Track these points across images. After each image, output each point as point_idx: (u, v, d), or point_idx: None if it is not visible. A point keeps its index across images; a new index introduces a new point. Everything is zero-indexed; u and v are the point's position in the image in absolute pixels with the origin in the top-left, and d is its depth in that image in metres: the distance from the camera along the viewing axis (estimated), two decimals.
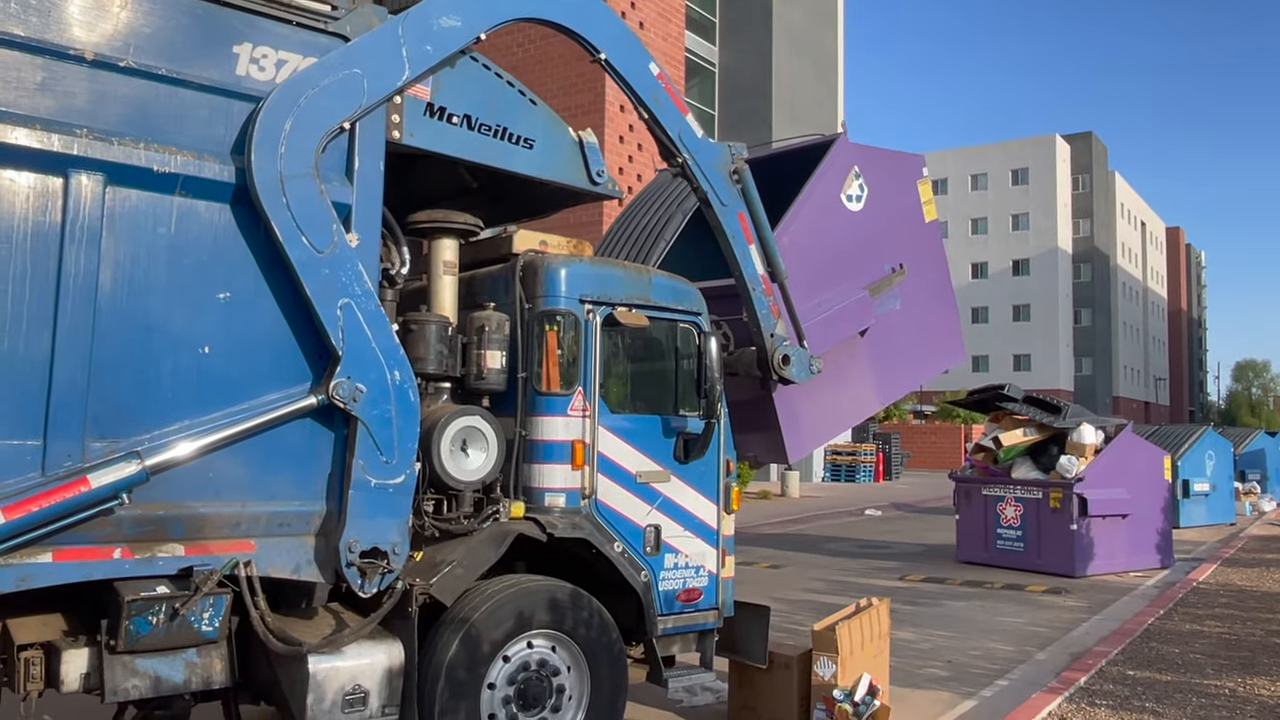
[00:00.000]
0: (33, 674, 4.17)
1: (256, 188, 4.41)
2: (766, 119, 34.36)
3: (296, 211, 4.49)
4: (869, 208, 7.49)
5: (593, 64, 5.86)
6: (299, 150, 4.52)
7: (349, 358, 4.63)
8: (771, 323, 6.28)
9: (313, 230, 4.53)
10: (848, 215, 7.37)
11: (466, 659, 4.90)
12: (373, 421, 4.71)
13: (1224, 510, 22.12)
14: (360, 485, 4.67)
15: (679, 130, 6.00)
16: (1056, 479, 13.86)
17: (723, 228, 6.14)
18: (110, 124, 4.20)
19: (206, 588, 4.26)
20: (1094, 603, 11.71)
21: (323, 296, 4.57)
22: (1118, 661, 8.38)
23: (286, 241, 4.47)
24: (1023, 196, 73.20)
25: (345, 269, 4.64)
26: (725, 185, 6.14)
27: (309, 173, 4.54)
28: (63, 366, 4.05)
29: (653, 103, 5.90)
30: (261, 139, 4.43)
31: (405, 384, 4.82)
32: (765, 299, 6.26)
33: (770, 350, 6.25)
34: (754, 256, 6.22)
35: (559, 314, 5.51)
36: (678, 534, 5.83)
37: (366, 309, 4.70)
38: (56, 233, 4.08)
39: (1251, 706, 7.07)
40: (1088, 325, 75.41)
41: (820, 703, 6.12)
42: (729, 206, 6.15)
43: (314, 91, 4.59)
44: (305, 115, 4.55)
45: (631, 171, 23.03)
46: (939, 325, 8.13)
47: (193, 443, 4.32)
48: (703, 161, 6.07)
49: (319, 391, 4.61)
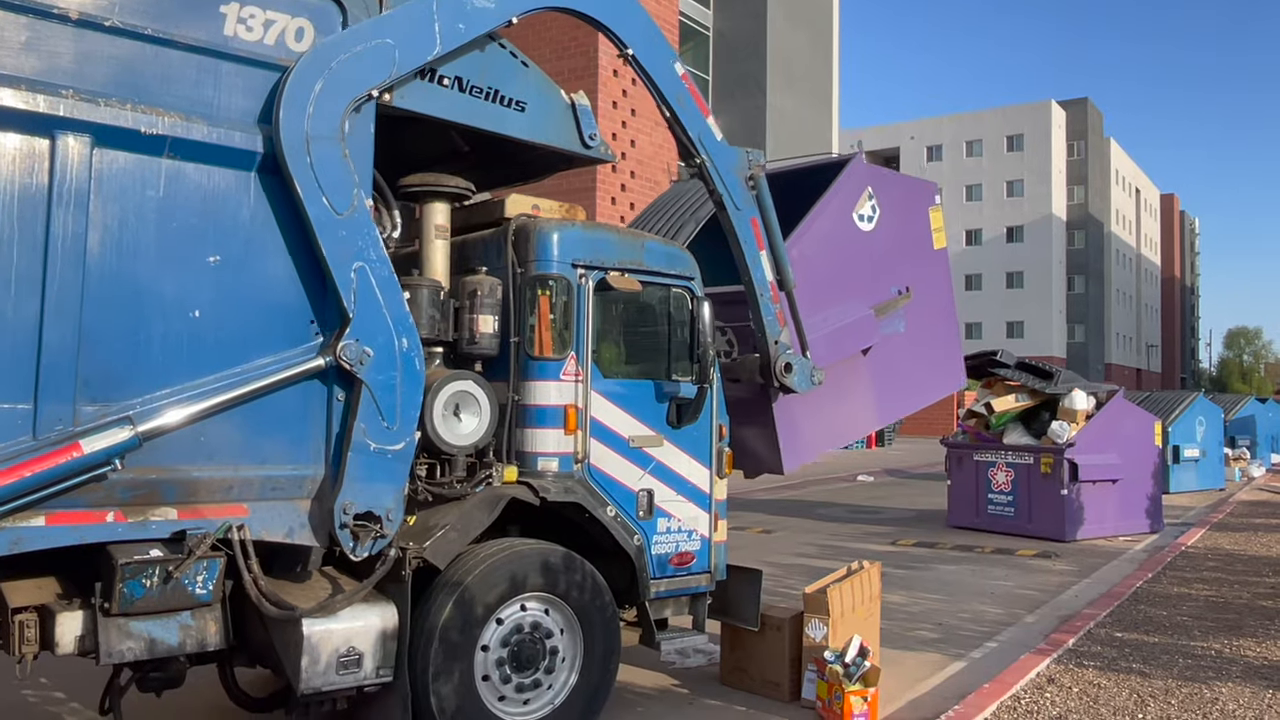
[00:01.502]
0: (27, 637, 4.18)
1: (282, 145, 4.46)
2: (761, 84, 34.13)
3: (319, 172, 4.55)
4: (880, 229, 7.58)
5: (588, 29, 5.80)
6: (327, 113, 4.60)
7: (358, 321, 4.65)
8: (777, 330, 6.32)
9: (334, 191, 4.59)
10: (858, 234, 7.45)
11: (460, 621, 4.93)
12: (377, 386, 4.72)
13: (1214, 476, 22.28)
14: (360, 448, 4.69)
15: (699, 132, 6.07)
16: (1048, 444, 13.94)
17: (735, 232, 6.20)
18: (97, 85, 4.16)
19: (200, 551, 4.28)
20: (1083, 566, 11.81)
21: (338, 258, 4.61)
22: (1106, 624, 8.47)
23: (307, 200, 4.52)
24: (1017, 163, 72.92)
25: (362, 233, 4.69)
26: (741, 190, 6.21)
27: (335, 135, 4.61)
28: (52, 329, 4.03)
29: (676, 103, 5.98)
30: (291, 98, 4.49)
31: (412, 352, 4.84)
32: (772, 306, 6.32)
33: (774, 357, 6.29)
34: (764, 263, 6.28)
35: (551, 278, 5.49)
36: (670, 498, 5.86)
37: (380, 274, 4.74)
38: (44, 195, 4.04)
39: (1237, 667, 7.16)
40: (1081, 292, 75.44)
41: (811, 664, 6.18)
42: (743, 211, 6.21)
43: (346, 57, 4.66)
44: (336, 79, 4.62)
45: (625, 136, 22.87)
46: (941, 351, 8.20)
47: (188, 407, 4.31)
48: (720, 164, 6.13)
49: (326, 353, 4.62)
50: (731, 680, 6.64)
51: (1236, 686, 6.67)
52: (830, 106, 38.99)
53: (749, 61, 34.04)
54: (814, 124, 37.60)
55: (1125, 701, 6.28)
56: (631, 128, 23.37)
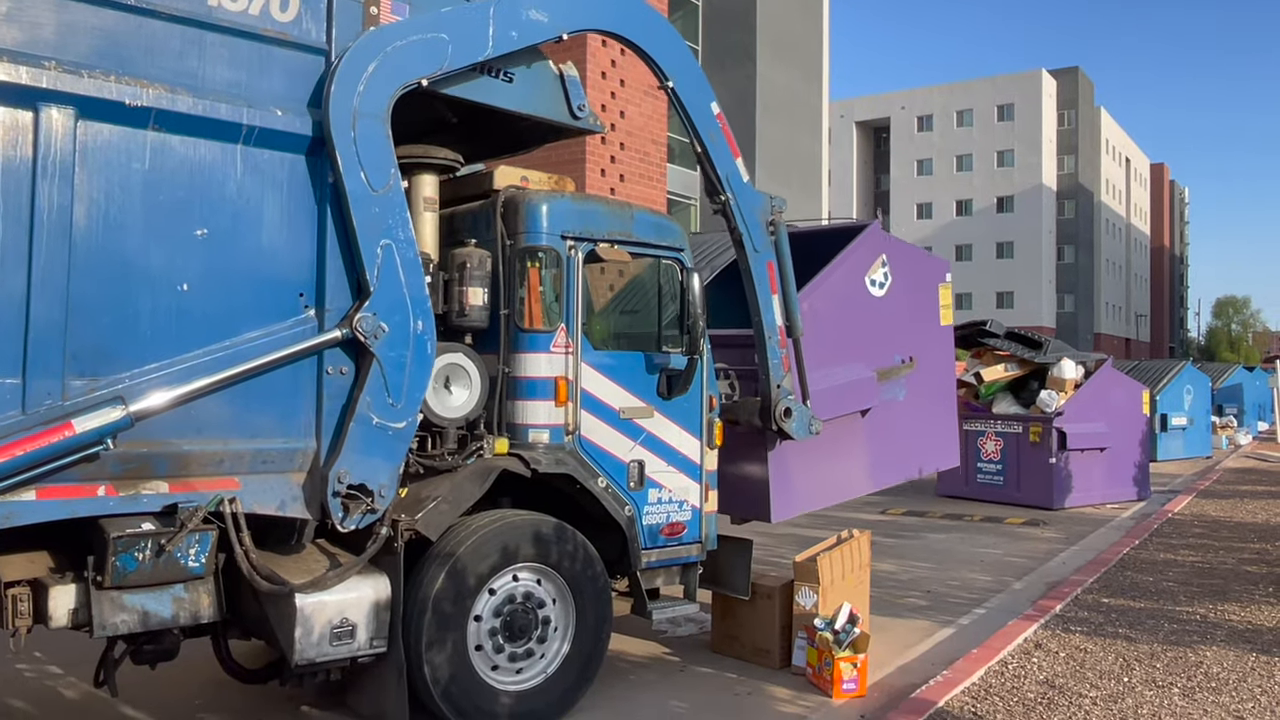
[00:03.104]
0: (20, 610, 4.19)
1: (330, 117, 4.59)
2: (751, 53, 33.95)
3: (361, 147, 4.68)
4: (890, 296, 7.71)
5: None
6: (376, 93, 4.74)
7: (378, 295, 4.73)
8: (780, 375, 6.38)
9: (373, 168, 4.71)
10: (869, 298, 7.60)
11: (452, 592, 4.96)
12: (388, 362, 4.76)
13: (1201, 444, 22.47)
14: (362, 420, 4.72)
15: (728, 171, 6.20)
16: (1036, 413, 14.03)
17: (750, 272, 6.31)
18: (80, 56, 4.12)
19: (192, 524, 4.28)
20: (1071, 534, 11.93)
21: (367, 232, 4.71)
22: (1093, 590, 8.57)
23: (346, 173, 4.63)
24: (1008, 133, 72.79)
25: (394, 211, 4.80)
26: (761, 232, 6.33)
27: (380, 115, 4.76)
28: (39, 303, 4.01)
29: (709, 140, 6.12)
30: (344, 74, 4.64)
31: (426, 335, 4.90)
32: (779, 350, 6.40)
33: (774, 400, 6.35)
34: (775, 306, 6.38)
35: (541, 250, 5.48)
36: (661, 469, 5.88)
37: (405, 255, 4.83)
38: (28, 168, 4.01)
39: (1222, 631, 7.26)
40: (1070, 262, 75.57)
41: (802, 631, 6.25)
42: (760, 253, 6.32)
43: (402, 44, 4.83)
44: (390, 62, 4.78)
45: (614, 108, 22.74)
46: (938, 426, 8.27)
47: (185, 385, 4.30)
48: (744, 205, 6.24)
49: (343, 325, 4.67)
50: (722, 648, 6.71)
51: (1221, 650, 6.76)
52: (820, 76, 38.81)
53: (739, 31, 33.84)
54: (804, 94, 37.45)
55: (1111, 665, 6.37)
56: (621, 99, 23.21)
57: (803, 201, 36.08)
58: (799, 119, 36.72)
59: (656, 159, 25.72)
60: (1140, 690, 5.90)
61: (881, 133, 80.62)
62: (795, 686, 6.05)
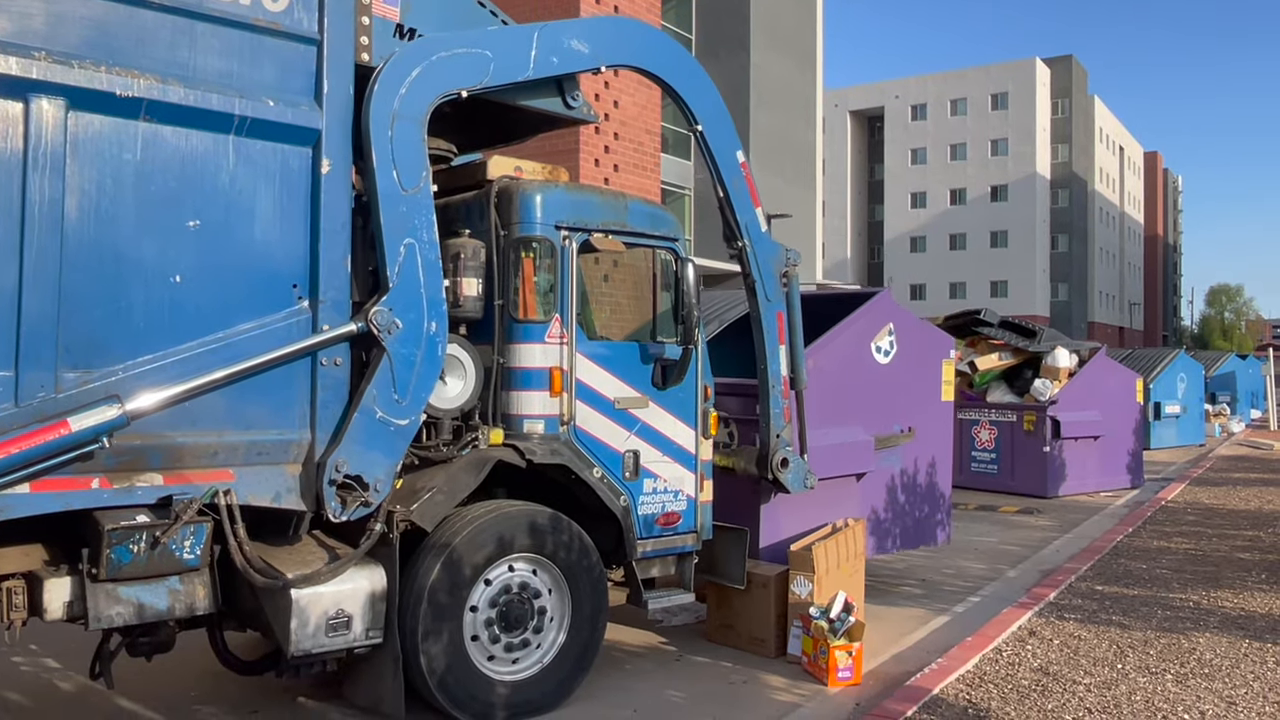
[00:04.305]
0: (15, 603, 4.19)
1: (369, 115, 4.75)
2: (744, 43, 33.85)
3: (396, 147, 4.83)
4: (894, 365, 7.82)
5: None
6: (417, 97, 4.92)
7: (396, 292, 4.79)
8: (781, 425, 6.45)
9: (405, 169, 4.86)
10: (873, 364, 7.70)
11: (448, 583, 4.97)
12: (398, 359, 4.80)
13: (1194, 432, 22.54)
14: (366, 412, 4.74)
15: (747, 220, 6.35)
16: (1031, 402, 14.05)
17: (760, 320, 6.42)
18: (70, 47, 4.09)
19: (186, 516, 4.28)
20: (1065, 522, 11.97)
21: (393, 230, 4.81)
22: (1087, 577, 8.60)
23: (379, 171, 4.78)
24: (1002, 122, 72.73)
25: (421, 213, 4.91)
26: (774, 282, 6.46)
27: (418, 119, 4.93)
28: (32, 296, 3.99)
29: (732, 187, 6.28)
30: (388, 76, 4.82)
31: (438, 337, 4.95)
32: (781, 401, 6.48)
33: (773, 449, 6.41)
34: (781, 357, 6.48)
35: (535, 240, 5.47)
36: (656, 459, 5.89)
37: (427, 256, 4.92)
38: (19, 159, 3.98)
39: (1214, 618, 7.29)
40: (1064, 251, 75.61)
41: (797, 620, 6.26)
42: (772, 302, 6.45)
43: (446, 55, 5.03)
44: (433, 70, 4.98)
45: (608, 98, 22.69)
46: (930, 504, 8.31)
47: (184, 383, 4.29)
48: (760, 254, 6.40)
49: (358, 319, 4.71)
50: (718, 637, 6.72)
51: (1214, 637, 6.79)
52: (814, 66, 38.72)
53: (732, 20, 33.73)
54: (798, 83, 37.38)
55: (1105, 653, 6.40)
56: (615, 89, 23.16)
57: (797, 191, 36.05)
58: (793, 108, 36.66)
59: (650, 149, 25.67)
60: (1134, 677, 5.93)
61: (875, 122, 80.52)
62: (791, 675, 6.07)
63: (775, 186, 31.83)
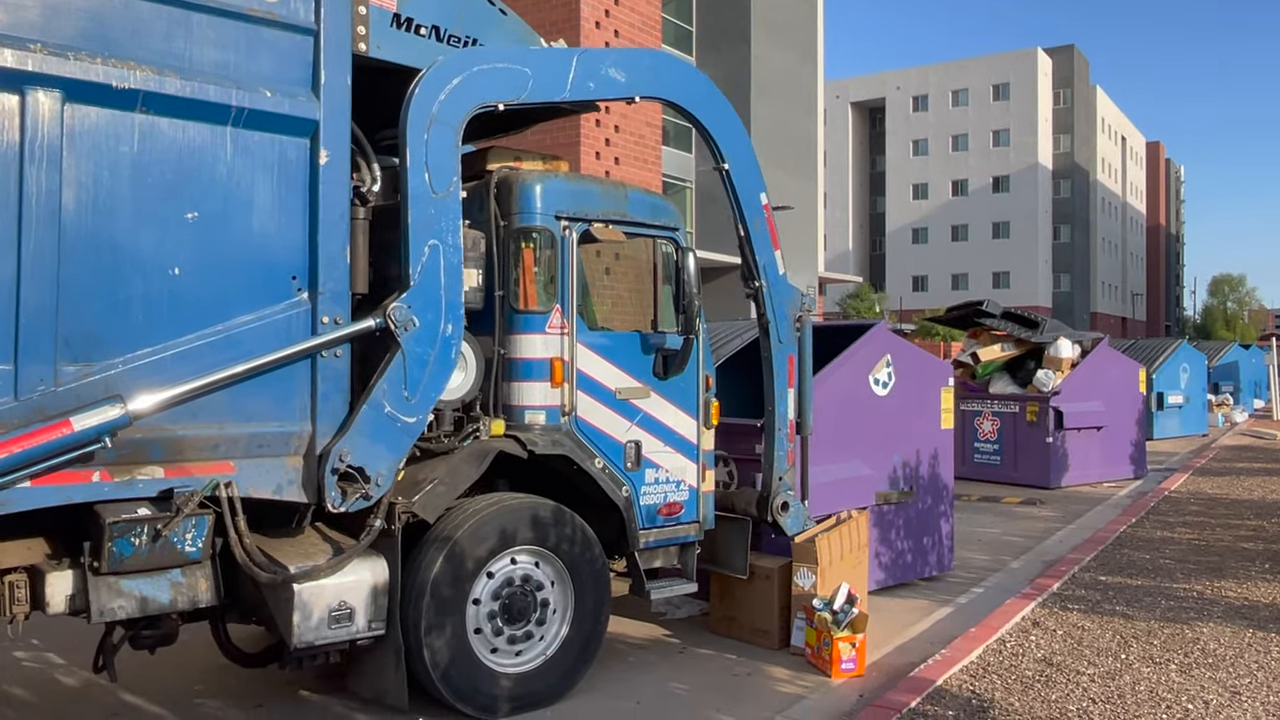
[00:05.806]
0: (18, 597, 4.19)
1: (408, 117, 4.83)
2: (745, 34, 33.76)
3: (431, 151, 4.90)
4: (893, 396, 7.79)
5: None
6: (456, 105, 5.00)
7: (416, 290, 4.83)
8: (784, 468, 6.42)
9: (437, 172, 4.91)
10: (872, 396, 7.68)
11: (451, 576, 4.96)
12: (412, 357, 4.82)
13: (1197, 422, 22.49)
14: (375, 405, 4.75)
15: (766, 261, 6.35)
16: (1033, 393, 14.03)
17: (771, 362, 6.40)
18: (66, 39, 4.07)
19: (188, 509, 4.27)
20: (1068, 513, 11.95)
21: (419, 230, 4.86)
22: (1090, 568, 8.59)
23: (411, 171, 4.84)
24: (1003, 112, 72.64)
25: (448, 216, 4.96)
26: (788, 325, 6.46)
27: (455, 125, 5.00)
28: (30, 289, 3.97)
29: (753, 227, 6.29)
30: (430, 80, 4.91)
31: (453, 340, 4.98)
32: (786, 443, 6.45)
33: (774, 492, 6.37)
34: (790, 400, 6.46)
35: (535, 231, 5.45)
36: (658, 449, 5.87)
37: (450, 259, 4.96)
38: (16, 152, 3.96)
39: (1218, 608, 7.27)
40: (1066, 241, 75.54)
41: (800, 612, 6.25)
42: (784, 345, 6.43)
43: (487, 68, 5.13)
44: (473, 80, 5.06)
45: None
46: (932, 532, 8.26)
47: (185, 383, 4.27)
48: (776, 295, 6.39)
49: (377, 315, 4.74)
50: (721, 629, 6.71)
51: (1218, 626, 6.78)
52: (815, 57, 38.64)
53: (733, 12, 33.64)
54: (798, 75, 37.30)
55: (1109, 643, 6.38)
56: None
57: (798, 183, 35.99)
58: (794, 100, 36.59)
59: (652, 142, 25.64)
60: (1138, 667, 5.92)
61: (877, 113, 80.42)
62: (794, 667, 6.06)
63: (777, 179, 31.75)
